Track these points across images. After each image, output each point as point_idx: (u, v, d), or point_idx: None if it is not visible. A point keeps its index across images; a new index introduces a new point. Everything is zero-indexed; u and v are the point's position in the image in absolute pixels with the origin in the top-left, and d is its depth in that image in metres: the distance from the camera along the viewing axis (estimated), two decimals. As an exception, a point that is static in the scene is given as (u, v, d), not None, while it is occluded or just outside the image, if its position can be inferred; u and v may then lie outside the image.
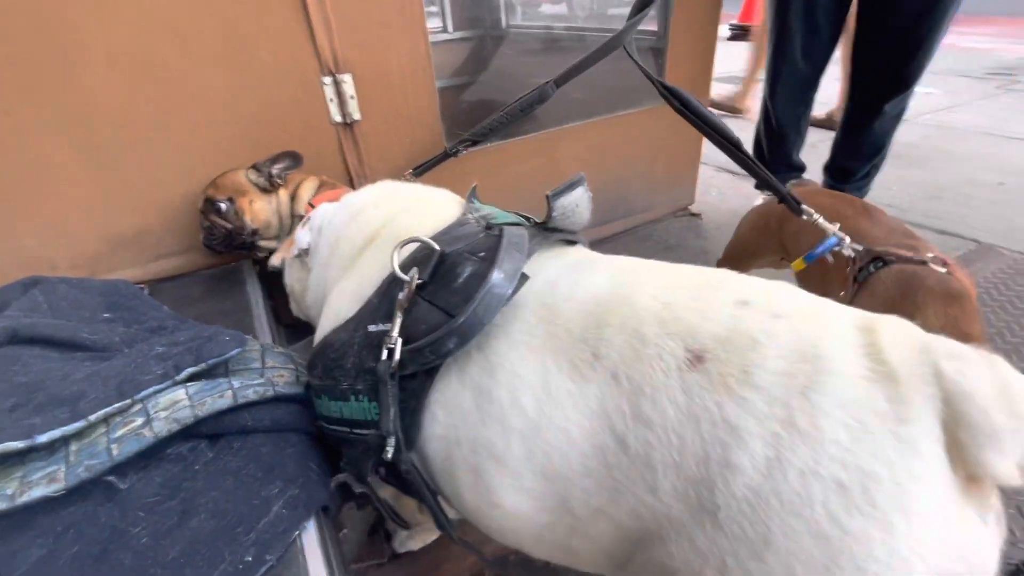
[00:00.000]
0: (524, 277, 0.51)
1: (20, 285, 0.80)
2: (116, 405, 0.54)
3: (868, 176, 1.79)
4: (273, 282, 1.17)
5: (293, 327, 1.19)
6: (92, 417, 0.53)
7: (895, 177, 2.29)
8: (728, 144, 0.77)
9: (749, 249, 1.21)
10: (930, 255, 0.79)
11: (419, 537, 0.85)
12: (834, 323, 0.41)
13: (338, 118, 1.16)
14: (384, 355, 0.50)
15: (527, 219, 0.64)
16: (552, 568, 0.84)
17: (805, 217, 0.73)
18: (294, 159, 1.05)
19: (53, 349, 0.67)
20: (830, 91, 1.85)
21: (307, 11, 1.03)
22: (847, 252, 0.75)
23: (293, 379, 0.67)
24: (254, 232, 1.03)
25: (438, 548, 0.85)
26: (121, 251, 1.05)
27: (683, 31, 1.61)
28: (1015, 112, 3.13)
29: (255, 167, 1.03)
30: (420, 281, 0.53)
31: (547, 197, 0.57)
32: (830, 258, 0.81)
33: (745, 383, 0.38)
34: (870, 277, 0.82)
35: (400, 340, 0.50)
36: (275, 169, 1.03)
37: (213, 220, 1.01)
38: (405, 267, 0.54)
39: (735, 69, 4.70)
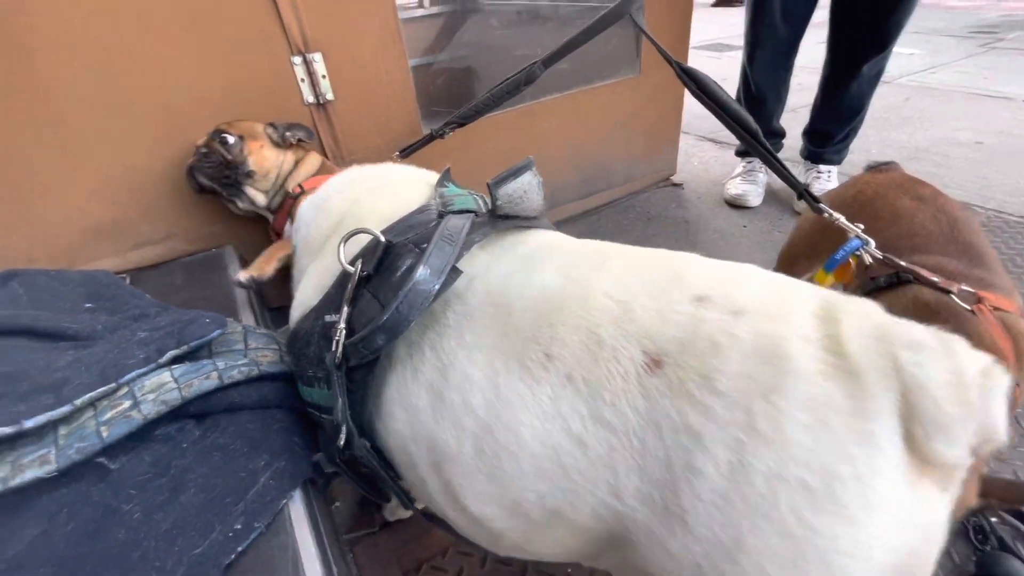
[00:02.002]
0: (455, 271, 0.49)
1: (-2, 278, 0.80)
2: (100, 389, 0.56)
3: (847, 139, 1.81)
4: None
5: (279, 310, 1.20)
6: (78, 401, 0.54)
7: (875, 139, 2.30)
8: (746, 134, 0.71)
9: (811, 250, 0.93)
10: (959, 287, 0.67)
11: (409, 506, 0.88)
12: (795, 316, 0.40)
13: (311, 98, 1.15)
14: (333, 346, 0.51)
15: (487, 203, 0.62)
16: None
17: (826, 216, 0.65)
18: (307, 132, 1.08)
19: (35, 340, 0.67)
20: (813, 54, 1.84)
21: (271, -11, 1.01)
22: (867, 259, 0.65)
23: (277, 358, 0.69)
24: (248, 174, 1.03)
25: (428, 516, 0.88)
26: (99, 241, 1.04)
27: (658, -4, 1.59)
28: (997, 70, 3.14)
29: (271, 124, 1.06)
30: (365, 273, 0.53)
31: (488, 186, 0.56)
32: (852, 264, 0.69)
33: (705, 389, 0.38)
34: (880, 292, 0.73)
35: (344, 332, 0.51)
36: (289, 133, 1.06)
37: (214, 147, 1.01)
38: (358, 258, 0.54)
39: (720, 36, 4.65)
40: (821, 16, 1.63)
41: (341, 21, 1.11)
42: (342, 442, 0.52)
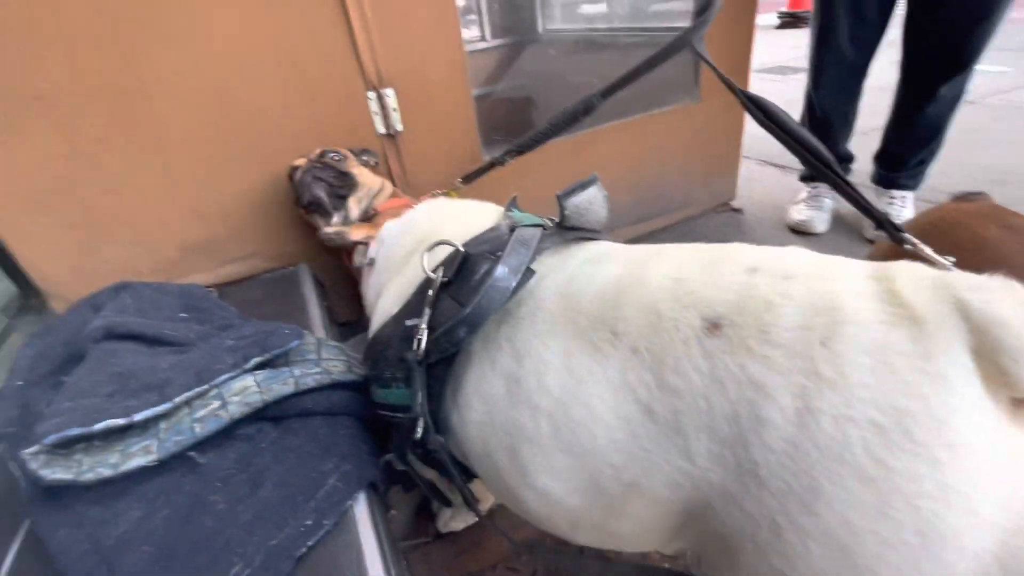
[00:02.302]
0: (530, 271, 0.55)
1: (111, 289, 0.91)
2: (196, 390, 0.62)
3: (922, 164, 1.70)
4: (327, 285, 1.27)
5: (346, 325, 1.28)
6: (177, 399, 0.61)
7: (956, 163, 2.15)
8: (818, 163, 0.68)
9: None
10: None
11: (461, 517, 0.90)
12: (847, 276, 0.41)
13: (382, 130, 1.23)
14: (414, 345, 0.56)
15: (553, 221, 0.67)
16: (583, 555, 0.87)
17: (907, 247, 0.62)
18: (374, 156, 1.18)
19: (142, 344, 0.76)
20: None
21: (352, 33, 1.11)
22: None
23: (346, 368, 0.74)
24: (354, 186, 1.11)
25: (480, 528, 0.90)
26: (193, 258, 1.16)
27: (718, 19, 1.59)
28: (1101, 87, 2.87)
29: (351, 149, 1.16)
30: (445, 279, 0.58)
31: (557, 197, 0.60)
32: None
33: (764, 342, 0.39)
34: None
35: (427, 331, 0.55)
36: (365, 157, 1.16)
37: (328, 162, 1.10)
38: (439, 267, 0.60)
39: (784, 59, 4.54)
40: (894, 34, 1.57)
41: (412, 58, 1.20)
42: (419, 434, 0.56)
